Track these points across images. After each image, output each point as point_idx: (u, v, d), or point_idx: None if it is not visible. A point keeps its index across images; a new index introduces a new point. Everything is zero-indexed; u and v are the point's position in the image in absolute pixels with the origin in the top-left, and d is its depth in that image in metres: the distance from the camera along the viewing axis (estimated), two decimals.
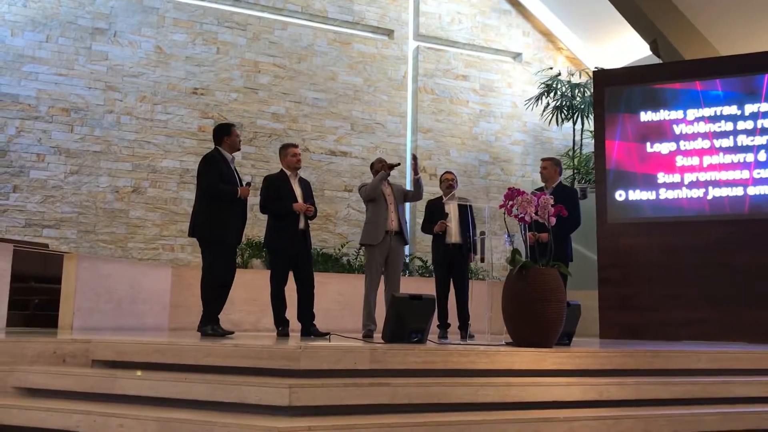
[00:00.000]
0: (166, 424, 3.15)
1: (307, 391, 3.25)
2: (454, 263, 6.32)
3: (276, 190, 5.71)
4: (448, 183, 6.50)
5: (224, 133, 5.49)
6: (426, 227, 6.53)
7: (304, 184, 5.92)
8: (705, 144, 7.45)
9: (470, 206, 6.32)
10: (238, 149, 5.61)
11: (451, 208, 6.38)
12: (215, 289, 5.25)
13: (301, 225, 5.70)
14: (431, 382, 3.58)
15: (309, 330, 5.60)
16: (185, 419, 3.14)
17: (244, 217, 5.48)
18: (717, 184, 7.35)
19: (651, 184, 7.54)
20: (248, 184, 5.45)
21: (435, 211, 6.45)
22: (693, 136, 7.50)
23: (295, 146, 5.92)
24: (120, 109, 9.45)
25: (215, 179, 5.27)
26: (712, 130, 7.44)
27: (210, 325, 5.16)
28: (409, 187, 9.05)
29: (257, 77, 10.26)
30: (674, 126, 7.57)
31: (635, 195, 7.57)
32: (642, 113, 7.69)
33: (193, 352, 3.78)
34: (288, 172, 5.82)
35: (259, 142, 10.09)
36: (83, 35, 9.39)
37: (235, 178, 5.43)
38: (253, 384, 3.30)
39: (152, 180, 9.50)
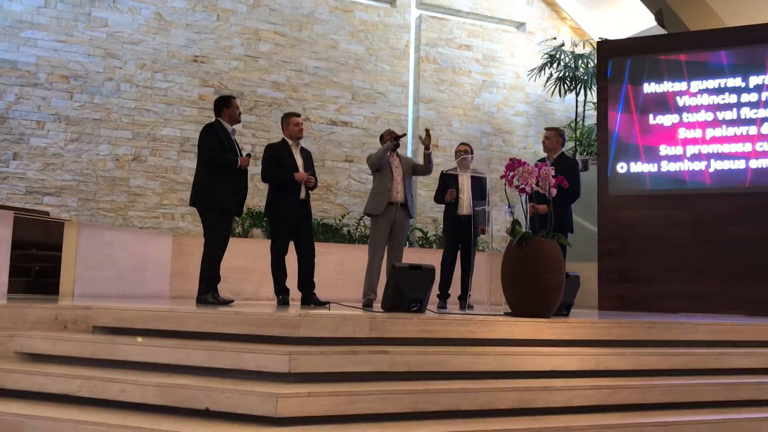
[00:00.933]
0: (166, 389, 3.18)
1: (307, 359, 3.27)
2: (464, 235, 6.30)
3: (278, 159, 5.69)
4: (462, 154, 6.46)
5: (224, 104, 5.48)
6: (438, 197, 6.52)
7: (306, 154, 5.90)
8: (708, 116, 7.40)
9: (484, 178, 6.28)
10: (239, 121, 5.59)
11: (464, 180, 6.35)
12: (217, 259, 5.28)
13: (302, 195, 5.69)
14: (430, 351, 3.61)
15: (309, 299, 5.63)
16: (185, 385, 3.17)
17: (245, 187, 5.48)
18: (719, 156, 7.32)
19: (653, 156, 7.51)
20: (248, 155, 5.45)
21: (447, 182, 6.42)
22: (696, 109, 7.45)
23: (298, 115, 5.89)
24: (120, 77, 9.38)
25: (215, 149, 5.27)
26: (715, 103, 7.39)
27: (210, 293, 5.19)
28: (410, 155, 9.00)
29: (258, 45, 10.16)
30: (677, 98, 7.52)
31: (637, 167, 7.55)
32: (645, 85, 7.63)
33: (194, 320, 3.80)
34: (290, 142, 5.80)
35: (259, 111, 10.03)
36: (82, 1, 9.28)
37: (235, 149, 5.42)
38: (253, 351, 3.32)
39: (152, 148, 9.47)
